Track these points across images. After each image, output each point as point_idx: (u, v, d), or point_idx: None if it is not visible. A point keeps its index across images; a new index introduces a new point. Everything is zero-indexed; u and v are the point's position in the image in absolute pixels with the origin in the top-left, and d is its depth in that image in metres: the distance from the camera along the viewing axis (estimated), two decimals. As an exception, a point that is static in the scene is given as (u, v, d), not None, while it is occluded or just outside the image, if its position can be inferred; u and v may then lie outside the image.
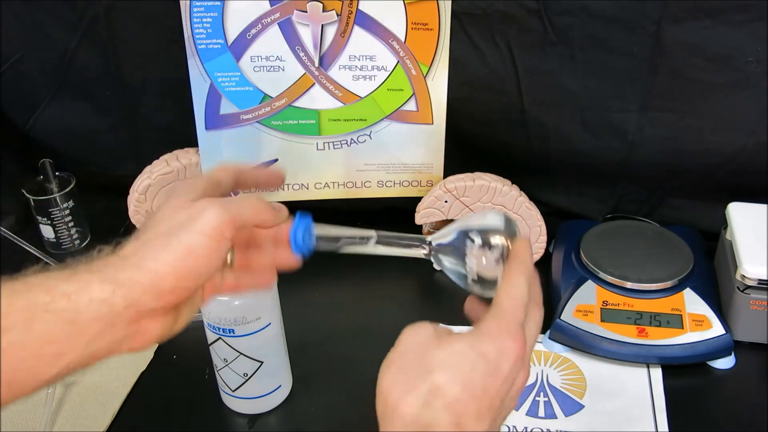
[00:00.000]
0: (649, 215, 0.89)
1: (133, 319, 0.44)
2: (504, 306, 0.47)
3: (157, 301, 0.44)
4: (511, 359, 0.45)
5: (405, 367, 0.45)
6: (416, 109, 0.84)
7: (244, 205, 0.48)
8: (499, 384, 0.45)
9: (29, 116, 0.92)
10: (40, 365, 0.42)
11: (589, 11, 0.76)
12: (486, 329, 0.46)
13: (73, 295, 0.43)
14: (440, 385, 0.43)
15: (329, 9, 0.78)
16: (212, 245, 0.45)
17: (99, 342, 0.43)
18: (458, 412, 0.43)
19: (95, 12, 0.83)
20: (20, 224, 0.95)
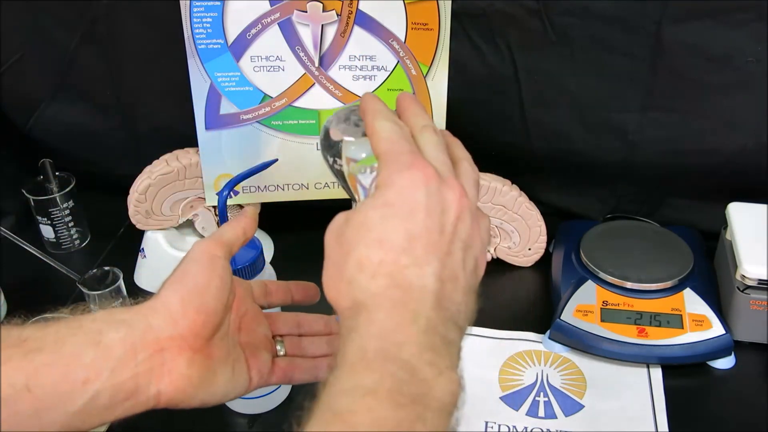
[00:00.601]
0: (649, 215, 0.89)
1: (154, 348, 0.45)
2: (381, 151, 0.43)
3: (173, 326, 0.46)
4: (420, 186, 0.41)
5: (331, 265, 0.43)
6: (416, 109, 0.84)
7: (226, 227, 0.54)
8: (422, 219, 0.40)
9: (29, 116, 0.92)
10: (69, 390, 0.43)
11: (589, 11, 0.76)
12: (380, 181, 0.42)
13: (99, 319, 0.46)
14: (360, 258, 0.40)
15: (329, 9, 0.78)
16: (204, 264, 0.49)
17: (123, 370, 0.44)
18: (390, 272, 0.40)
19: (95, 12, 0.83)
20: (20, 224, 0.95)
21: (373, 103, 0.46)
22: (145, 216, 0.85)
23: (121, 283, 0.80)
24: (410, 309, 0.39)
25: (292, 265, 0.86)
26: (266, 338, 0.56)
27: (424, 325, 0.39)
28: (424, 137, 0.45)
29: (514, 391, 0.72)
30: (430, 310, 0.39)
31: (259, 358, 0.53)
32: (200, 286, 0.48)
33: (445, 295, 0.40)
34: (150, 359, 0.45)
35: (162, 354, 0.46)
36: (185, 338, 0.46)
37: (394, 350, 0.38)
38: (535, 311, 0.82)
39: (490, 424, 0.69)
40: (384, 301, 0.39)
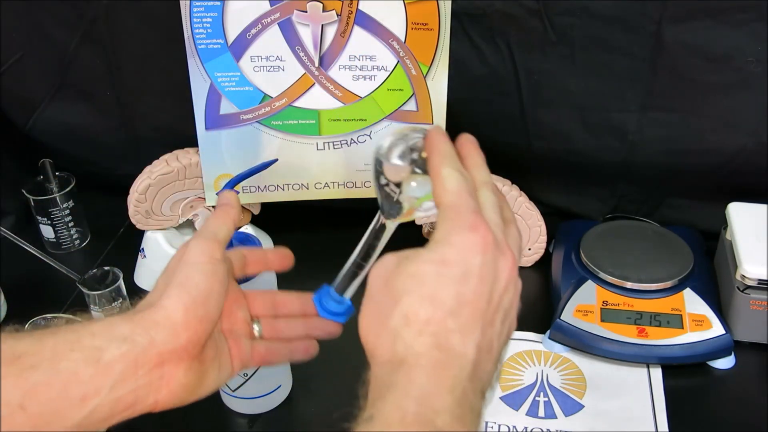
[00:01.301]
0: (649, 215, 0.89)
1: (155, 363, 0.45)
2: (446, 202, 0.42)
3: (175, 339, 0.45)
4: (479, 252, 0.40)
5: (374, 308, 0.42)
6: (416, 109, 0.84)
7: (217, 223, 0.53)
8: (474, 285, 0.40)
9: (29, 116, 0.92)
10: (65, 407, 0.42)
11: (589, 11, 0.76)
12: (439, 234, 0.41)
13: (98, 334, 0.44)
14: (407, 312, 0.40)
15: (329, 9, 0.78)
16: (206, 268, 0.48)
17: (123, 386, 0.44)
18: (434, 331, 0.39)
19: (95, 12, 0.83)
20: (20, 224, 0.95)
21: (441, 145, 0.45)
22: (145, 216, 0.85)
23: (121, 283, 0.80)
24: (450, 375, 0.39)
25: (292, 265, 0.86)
26: (246, 322, 0.55)
27: (459, 395, 0.38)
28: (484, 195, 0.44)
29: (514, 391, 0.72)
30: (466, 379, 0.39)
31: (241, 347, 0.53)
32: (204, 295, 0.47)
33: (480, 366, 0.40)
34: (150, 373, 0.45)
35: (162, 367, 0.45)
36: (186, 349, 0.46)
37: (431, 416, 0.37)
38: (535, 311, 0.82)
39: (490, 424, 0.69)
40: (426, 361, 0.39)
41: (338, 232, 0.95)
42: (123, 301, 0.81)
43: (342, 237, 0.95)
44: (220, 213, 0.54)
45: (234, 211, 0.54)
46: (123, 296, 0.81)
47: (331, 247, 0.96)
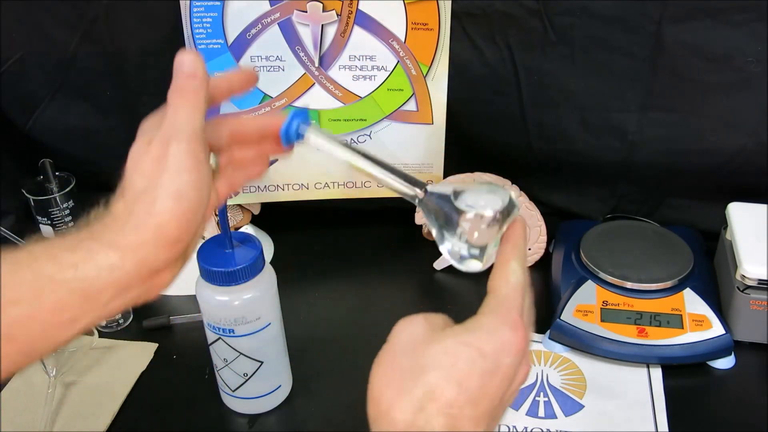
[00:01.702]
0: (649, 215, 0.89)
1: (146, 277, 0.43)
2: (502, 294, 0.44)
3: (168, 253, 0.43)
4: (512, 354, 0.42)
5: (397, 367, 0.42)
6: (416, 109, 0.84)
7: (187, 112, 0.46)
8: (498, 382, 0.42)
9: (29, 116, 0.92)
10: (54, 331, 0.41)
11: (589, 11, 0.76)
12: (484, 322, 0.43)
13: (80, 265, 0.41)
14: (434, 387, 0.41)
15: (329, 9, 0.78)
16: (195, 177, 0.44)
17: (115, 304, 0.43)
18: (453, 414, 0.40)
19: (95, 12, 0.83)
20: (20, 224, 0.95)
21: (519, 238, 0.47)
22: (145, 216, 0.85)
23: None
24: None
25: (292, 265, 0.86)
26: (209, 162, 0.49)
27: None
28: (528, 298, 0.46)
29: (514, 391, 0.72)
30: None
31: (210, 203, 0.48)
32: (195, 206, 0.44)
33: None
34: (141, 286, 0.43)
35: (152, 279, 0.44)
36: (177, 258, 0.44)
37: None
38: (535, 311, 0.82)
39: (490, 424, 0.69)
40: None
41: (338, 232, 0.95)
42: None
43: (342, 237, 0.96)
44: (186, 93, 0.47)
45: (202, 86, 0.47)
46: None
47: (331, 246, 0.97)
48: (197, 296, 0.65)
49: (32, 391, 0.73)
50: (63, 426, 0.70)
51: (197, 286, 0.65)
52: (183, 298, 0.85)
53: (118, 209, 0.44)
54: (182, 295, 0.85)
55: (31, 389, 0.73)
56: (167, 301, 0.86)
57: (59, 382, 0.73)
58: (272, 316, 0.67)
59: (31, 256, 0.42)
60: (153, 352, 0.78)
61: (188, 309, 0.83)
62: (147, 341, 0.79)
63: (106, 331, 0.81)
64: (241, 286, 0.63)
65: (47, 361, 0.72)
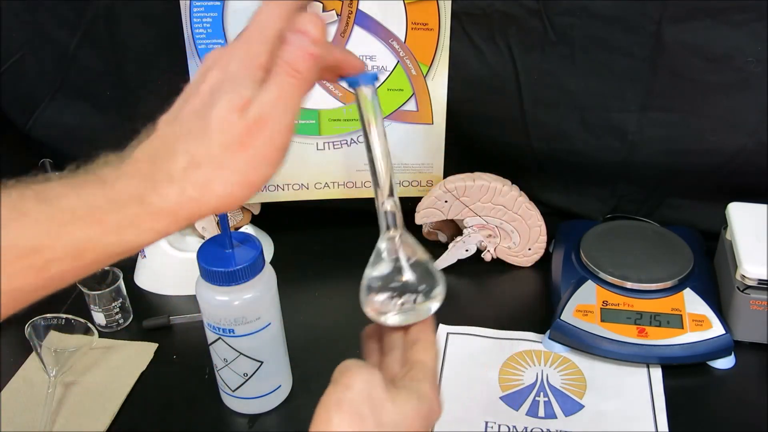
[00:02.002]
0: (649, 215, 0.89)
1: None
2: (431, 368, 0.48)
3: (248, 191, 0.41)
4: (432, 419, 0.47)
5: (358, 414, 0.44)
6: (416, 109, 0.84)
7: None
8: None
9: (29, 116, 0.92)
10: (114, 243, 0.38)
11: (589, 11, 0.76)
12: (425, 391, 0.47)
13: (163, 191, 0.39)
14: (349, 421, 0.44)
15: (329, 9, 0.78)
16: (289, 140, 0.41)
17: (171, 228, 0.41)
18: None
19: (95, 12, 0.83)
20: (20, 224, 0.95)
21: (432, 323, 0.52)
22: (145, 216, 0.85)
23: (121, 283, 0.80)
24: None
25: (292, 265, 0.86)
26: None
27: None
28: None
29: (514, 391, 0.72)
30: None
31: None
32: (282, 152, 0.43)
33: None
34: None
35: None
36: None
37: None
38: (535, 311, 0.82)
39: (490, 424, 0.69)
40: None
41: (338, 232, 0.95)
42: (123, 301, 0.81)
43: (342, 237, 0.96)
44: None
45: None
46: (123, 296, 0.81)
47: (331, 246, 0.97)
48: (197, 296, 0.65)
49: (32, 391, 0.73)
50: (63, 426, 0.70)
51: (197, 286, 0.65)
52: (183, 298, 0.85)
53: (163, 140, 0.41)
54: (182, 295, 0.85)
55: (31, 389, 0.73)
56: (167, 301, 0.86)
57: (59, 382, 0.73)
58: (272, 316, 0.67)
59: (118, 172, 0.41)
60: (153, 352, 0.78)
61: (188, 309, 0.83)
62: (147, 341, 0.79)
63: (106, 331, 0.81)
64: (241, 286, 0.63)
65: (47, 361, 0.72)
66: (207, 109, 0.39)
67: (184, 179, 0.38)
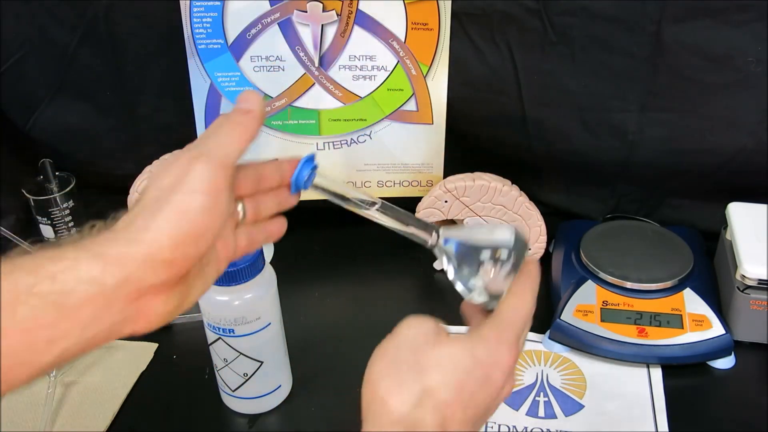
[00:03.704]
0: (649, 215, 0.89)
1: (131, 298, 0.39)
2: (507, 317, 0.48)
3: (156, 275, 0.39)
4: (505, 370, 0.46)
5: (399, 360, 0.45)
6: (416, 109, 0.84)
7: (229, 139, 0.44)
8: (487, 393, 0.45)
9: (29, 116, 0.92)
10: (30, 353, 0.38)
11: (589, 11, 0.76)
12: (486, 336, 0.46)
13: (59, 275, 0.38)
14: (433, 386, 0.44)
15: (329, 9, 0.78)
16: (209, 202, 0.41)
17: (95, 326, 0.39)
18: (445, 414, 0.43)
19: (95, 12, 0.83)
20: (20, 224, 0.95)
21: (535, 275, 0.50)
22: (145, 216, 0.85)
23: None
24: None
25: (292, 265, 0.86)
26: (231, 213, 0.47)
27: None
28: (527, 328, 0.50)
29: (514, 391, 0.72)
30: None
31: (228, 244, 0.46)
32: (198, 232, 0.40)
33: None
34: (125, 309, 0.39)
35: (138, 301, 0.40)
36: (167, 283, 0.41)
37: None
38: (535, 311, 0.82)
39: (490, 424, 0.69)
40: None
41: (338, 232, 0.95)
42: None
43: (342, 237, 0.96)
44: (235, 123, 0.44)
45: (252, 123, 0.45)
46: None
47: (331, 246, 0.97)
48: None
49: (32, 391, 0.73)
50: (63, 426, 0.70)
51: (197, 286, 0.65)
52: (183, 298, 0.85)
53: (119, 224, 0.41)
54: (182, 295, 0.85)
55: (31, 389, 0.73)
56: (167, 301, 0.86)
57: (59, 382, 0.73)
58: (272, 316, 0.67)
59: (12, 266, 0.38)
60: (153, 352, 0.78)
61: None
62: (147, 341, 0.79)
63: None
64: (241, 286, 0.63)
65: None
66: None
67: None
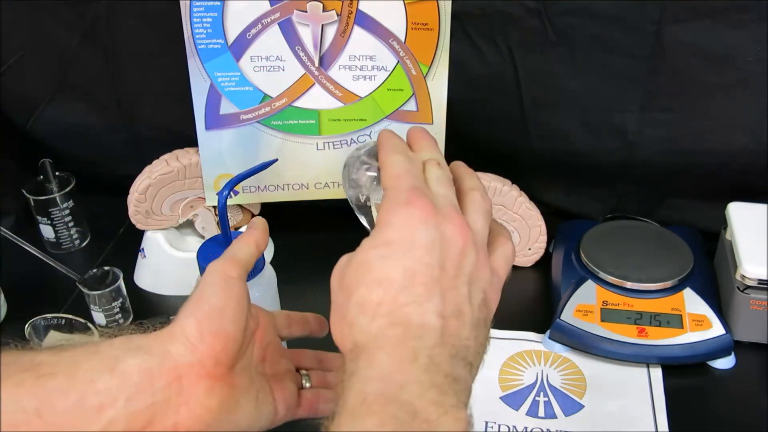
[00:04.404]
0: (649, 215, 0.89)
1: (173, 376, 0.44)
2: (385, 186, 0.44)
3: (192, 353, 0.45)
4: (417, 224, 0.40)
5: (336, 308, 0.44)
6: (416, 109, 0.84)
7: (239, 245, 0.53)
8: (422, 256, 0.40)
9: (29, 116, 0.92)
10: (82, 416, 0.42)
11: (589, 11, 0.76)
12: (381, 218, 0.42)
13: (116, 345, 0.45)
14: (360, 301, 0.41)
15: (329, 9, 0.78)
16: (220, 286, 0.48)
17: (139, 398, 0.43)
18: (389, 311, 0.39)
19: (95, 12, 0.83)
20: (20, 224, 0.95)
21: (388, 139, 0.47)
22: (145, 216, 0.85)
23: (121, 283, 0.80)
24: (410, 347, 0.38)
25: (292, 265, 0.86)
26: (290, 371, 0.55)
27: (425, 363, 0.38)
28: (428, 171, 0.45)
29: (514, 391, 0.72)
30: (433, 347, 0.38)
31: (285, 389, 0.52)
32: (216, 310, 0.47)
33: (450, 332, 0.39)
34: (168, 387, 0.44)
35: (180, 382, 0.44)
36: (204, 365, 0.45)
37: (394, 391, 0.37)
38: (535, 311, 0.82)
39: (490, 424, 0.69)
40: (384, 341, 0.39)
41: (338, 232, 0.95)
42: (123, 301, 0.81)
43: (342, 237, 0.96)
44: (244, 235, 0.55)
45: (258, 233, 0.55)
46: (123, 296, 0.81)
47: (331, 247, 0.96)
48: (197, 296, 0.65)
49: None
50: (63, 426, 0.70)
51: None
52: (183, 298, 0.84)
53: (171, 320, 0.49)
54: (182, 295, 0.85)
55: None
56: (167, 300, 0.86)
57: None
58: (272, 316, 0.67)
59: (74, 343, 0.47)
60: (153, 352, 0.78)
61: (188, 309, 0.83)
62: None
63: (106, 331, 0.81)
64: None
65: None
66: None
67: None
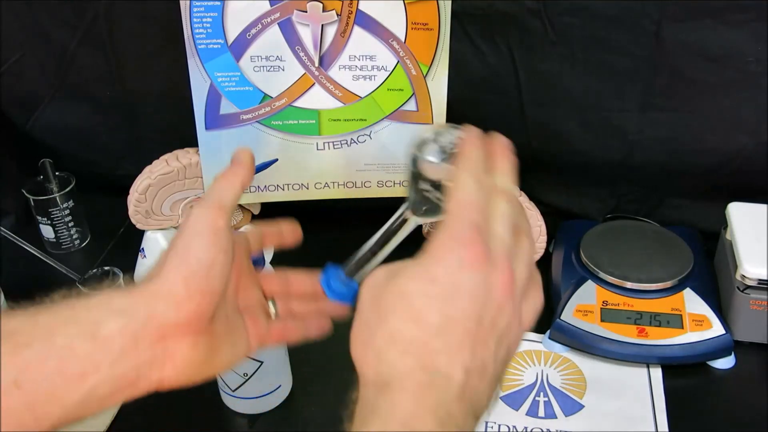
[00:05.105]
0: (649, 215, 0.89)
1: (156, 336, 0.43)
2: (449, 210, 0.40)
3: (177, 312, 0.43)
4: (467, 270, 0.38)
5: (363, 324, 0.42)
6: (416, 109, 0.84)
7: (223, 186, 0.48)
8: (464, 304, 0.38)
9: (29, 116, 0.92)
10: (63, 385, 0.41)
11: (589, 11, 0.76)
12: (433, 248, 0.39)
13: (94, 308, 0.43)
14: (393, 331, 0.39)
15: (329, 9, 0.78)
16: (209, 238, 0.45)
17: (124, 362, 0.42)
18: (420, 352, 0.38)
19: (95, 12, 0.83)
20: (20, 224, 0.95)
21: (470, 149, 0.45)
22: (145, 216, 0.85)
23: (121, 283, 0.80)
24: (434, 397, 0.37)
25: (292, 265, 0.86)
26: (260, 301, 0.53)
27: (442, 416, 0.37)
28: (496, 204, 0.42)
29: (514, 391, 0.72)
30: (452, 401, 0.37)
31: (257, 323, 0.51)
32: (205, 266, 0.44)
33: (470, 387, 0.38)
34: (152, 348, 0.43)
35: (164, 342, 0.43)
36: (190, 323, 0.44)
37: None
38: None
39: (490, 424, 0.69)
40: (409, 384, 0.38)
41: (338, 232, 0.95)
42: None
43: (342, 237, 0.96)
44: (228, 174, 0.49)
45: (244, 172, 0.50)
46: (123, 296, 0.81)
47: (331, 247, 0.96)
48: (197, 296, 0.65)
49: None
50: (63, 426, 0.70)
51: (197, 286, 0.65)
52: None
53: (151, 271, 0.46)
54: (182, 295, 0.85)
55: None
56: (167, 301, 0.86)
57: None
58: (272, 316, 0.67)
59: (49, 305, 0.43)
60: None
61: (188, 309, 0.83)
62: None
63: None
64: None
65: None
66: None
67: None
